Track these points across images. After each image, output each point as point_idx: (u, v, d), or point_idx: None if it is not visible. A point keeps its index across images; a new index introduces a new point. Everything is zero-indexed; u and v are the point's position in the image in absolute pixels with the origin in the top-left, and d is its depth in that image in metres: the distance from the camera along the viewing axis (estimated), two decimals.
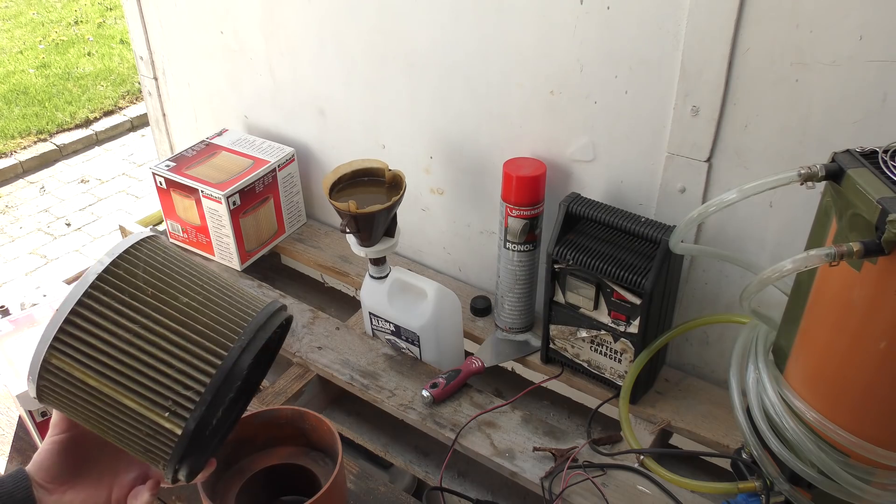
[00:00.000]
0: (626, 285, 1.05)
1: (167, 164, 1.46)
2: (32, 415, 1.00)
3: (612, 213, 1.08)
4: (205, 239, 1.48)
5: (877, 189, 0.69)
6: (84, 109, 4.36)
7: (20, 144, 4.05)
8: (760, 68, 0.93)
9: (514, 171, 1.14)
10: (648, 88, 1.03)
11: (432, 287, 1.19)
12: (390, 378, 1.21)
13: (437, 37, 1.21)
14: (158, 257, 0.69)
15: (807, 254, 0.70)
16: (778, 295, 0.92)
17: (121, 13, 5.37)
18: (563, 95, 1.12)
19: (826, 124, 0.92)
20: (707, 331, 1.17)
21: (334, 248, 1.53)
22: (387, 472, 1.40)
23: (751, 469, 0.94)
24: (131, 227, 1.65)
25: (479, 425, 1.12)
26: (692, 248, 1.07)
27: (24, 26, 5.48)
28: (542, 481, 1.02)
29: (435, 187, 1.38)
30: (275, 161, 1.47)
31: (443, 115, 1.29)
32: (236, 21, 1.48)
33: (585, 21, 1.04)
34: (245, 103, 1.59)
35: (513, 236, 1.18)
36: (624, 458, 1.06)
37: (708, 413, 1.12)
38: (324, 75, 1.41)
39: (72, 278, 1.55)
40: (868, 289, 0.71)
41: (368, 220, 1.12)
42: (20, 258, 3.31)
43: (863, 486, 0.79)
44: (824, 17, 0.86)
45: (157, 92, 1.76)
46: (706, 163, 1.03)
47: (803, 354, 0.83)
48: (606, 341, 1.12)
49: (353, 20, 1.30)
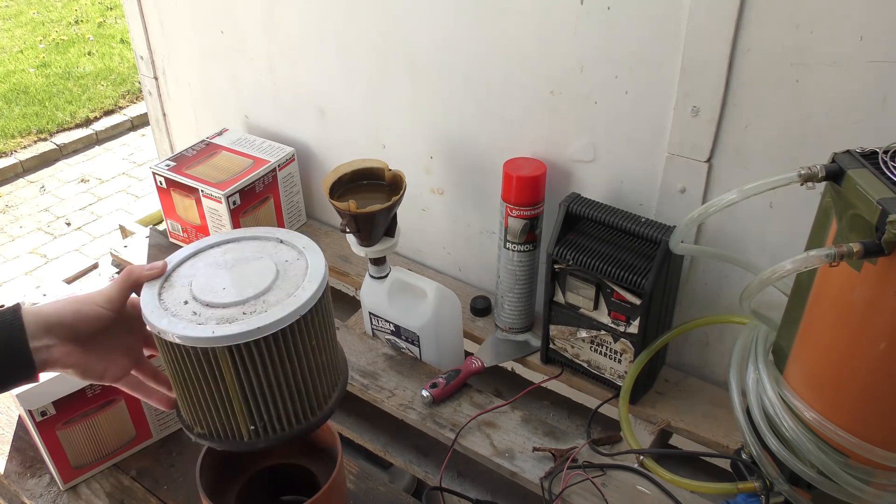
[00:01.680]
0: (626, 285, 1.05)
1: (167, 164, 1.46)
2: (32, 414, 1.00)
3: (612, 214, 1.08)
4: None
5: (877, 190, 0.68)
6: (84, 109, 4.37)
7: (20, 144, 4.05)
8: (761, 69, 0.93)
9: (514, 171, 1.14)
10: (649, 89, 1.03)
11: (432, 287, 1.19)
12: (390, 378, 1.21)
13: (437, 36, 1.21)
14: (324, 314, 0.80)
15: (807, 254, 0.70)
16: (778, 295, 0.92)
17: (121, 13, 5.37)
18: (564, 95, 1.12)
19: (826, 125, 0.92)
20: (707, 331, 1.17)
21: (334, 247, 1.53)
22: (386, 472, 1.40)
23: (750, 469, 0.94)
24: (131, 227, 1.65)
25: (478, 425, 1.12)
26: (692, 249, 1.07)
27: (24, 25, 5.48)
28: (542, 481, 1.02)
29: (435, 187, 1.38)
30: (275, 161, 1.47)
31: (443, 114, 1.29)
32: (236, 21, 1.48)
33: (586, 21, 1.04)
34: (245, 103, 1.59)
35: (513, 236, 1.18)
36: (624, 458, 1.06)
37: (708, 413, 1.13)
38: (324, 75, 1.41)
39: (72, 278, 1.55)
40: (868, 289, 0.71)
41: (368, 220, 1.12)
42: (20, 257, 3.31)
43: (862, 487, 0.79)
44: (825, 17, 0.86)
45: (158, 91, 1.76)
46: (706, 163, 1.03)
47: (803, 355, 0.83)
48: (606, 341, 1.12)
49: (354, 20, 1.30)
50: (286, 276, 0.78)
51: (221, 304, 0.75)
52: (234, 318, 0.73)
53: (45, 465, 1.10)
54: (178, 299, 0.77)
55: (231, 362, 0.73)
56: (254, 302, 0.75)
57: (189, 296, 0.77)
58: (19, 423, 1.18)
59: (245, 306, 0.74)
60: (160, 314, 0.74)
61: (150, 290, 0.78)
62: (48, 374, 0.98)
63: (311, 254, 0.80)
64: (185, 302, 0.76)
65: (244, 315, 0.73)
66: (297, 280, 0.77)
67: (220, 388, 0.75)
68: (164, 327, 0.72)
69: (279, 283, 0.77)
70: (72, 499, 1.07)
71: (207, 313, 0.74)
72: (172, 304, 0.76)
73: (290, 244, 0.82)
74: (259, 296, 0.75)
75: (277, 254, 0.81)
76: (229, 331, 0.71)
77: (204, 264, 0.81)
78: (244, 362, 0.73)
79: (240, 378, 0.74)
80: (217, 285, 0.77)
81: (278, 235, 0.84)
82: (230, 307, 0.74)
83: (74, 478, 1.09)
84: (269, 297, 0.75)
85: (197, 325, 0.72)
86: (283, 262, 0.80)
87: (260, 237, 0.84)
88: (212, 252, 0.83)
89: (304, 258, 0.80)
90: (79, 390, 1.02)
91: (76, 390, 1.02)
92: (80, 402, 1.03)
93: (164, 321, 0.73)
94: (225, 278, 0.78)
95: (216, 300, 0.75)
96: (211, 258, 0.82)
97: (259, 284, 0.76)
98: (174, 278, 0.80)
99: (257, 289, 0.76)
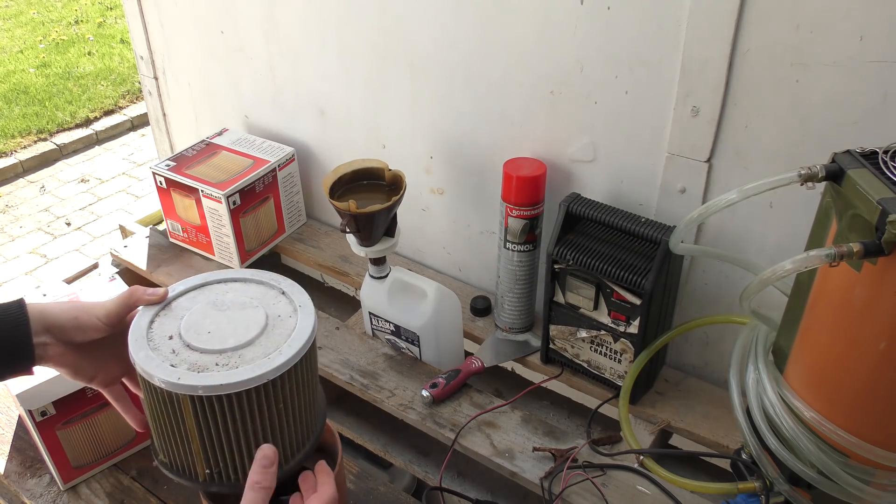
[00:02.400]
0: (626, 285, 1.05)
1: (167, 164, 1.46)
2: (32, 414, 1.00)
3: (612, 214, 1.08)
4: (205, 239, 1.48)
5: (877, 190, 0.68)
6: (84, 109, 4.37)
7: (20, 144, 4.05)
8: (761, 69, 0.93)
9: (514, 171, 1.14)
10: (649, 89, 1.03)
11: (432, 287, 1.19)
12: (390, 378, 1.21)
13: (437, 36, 1.21)
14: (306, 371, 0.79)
15: (807, 254, 0.70)
16: (778, 295, 0.92)
17: (121, 13, 5.37)
18: (564, 95, 1.12)
19: (826, 125, 0.92)
20: (707, 331, 1.17)
21: (334, 247, 1.53)
22: (386, 472, 1.40)
23: (750, 469, 0.94)
24: (131, 227, 1.65)
25: (478, 425, 1.12)
26: (692, 249, 1.07)
27: (24, 25, 5.48)
28: (542, 481, 1.02)
29: (435, 187, 1.38)
30: (275, 161, 1.47)
31: (443, 114, 1.29)
32: (236, 20, 1.48)
33: (586, 21, 1.04)
34: (245, 103, 1.59)
35: (513, 236, 1.18)
36: (624, 458, 1.06)
37: (708, 413, 1.13)
38: (324, 75, 1.41)
39: (72, 278, 1.55)
40: (868, 289, 0.71)
41: (368, 220, 1.12)
42: (20, 257, 3.31)
43: (862, 487, 0.79)
44: (824, 17, 0.86)
45: (158, 91, 1.76)
46: (706, 163, 1.03)
47: (803, 355, 0.83)
48: (606, 341, 1.12)
49: (354, 20, 1.30)
50: (271, 334, 0.78)
51: (199, 349, 0.75)
52: (205, 367, 0.73)
53: (45, 465, 1.11)
54: (165, 331, 0.78)
55: (192, 409, 0.73)
56: (230, 354, 0.75)
57: (176, 331, 0.78)
58: (19, 423, 1.18)
59: (220, 357, 0.75)
60: (141, 344, 0.75)
61: (145, 315, 0.79)
62: (48, 375, 0.98)
63: (304, 314, 0.80)
64: (171, 337, 0.77)
65: (216, 366, 0.74)
66: (278, 341, 0.77)
67: (181, 428, 0.75)
68: (138, 360, 0.74)
69: (261, 340, 0.77)
70: (72, 499, 1.07)
71: (184, 355, 0.75)
72: (159, 334, 0.77)
73: (290, 298, 0.82)
74: (237, 349, 0.76)
75: (275, 305, 0.81)
76: (194, 381, 0.71)
77: (204, 300, 0.82)
78: (205, 413, 0.73)
79: (199, 426, 0.74)
80: (204, 327, 0.78)
81: (283, 286, 0.84)
82: (206, 354, 0.75)
83: (74, 478, 1.09)
84: (247, 353, 0.75)
85: (168, 367, 0.73)
86: (276, 317, 0.80)
87: (265, 283, 0.85)
88: (216, 288, 0.84)
89: (296, 317, 0.79)
90: (79, 390, 1.02)
91: (76, 390, 1.02)
92: (80, 402, 1.03)
93: (141, 353, 0.74)
94: (214, 321, 0.79)
95: (196, 343, 0.76)
96: (213, 294, 0.83)
97: (242, 336, 0.77)
98: (174, 306, 0.81)
99: (238, 341, 0.76)
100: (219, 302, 0.81)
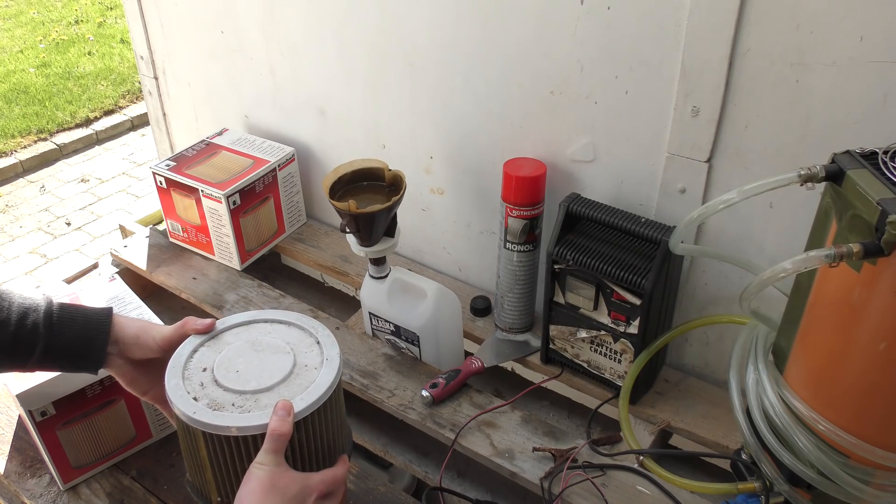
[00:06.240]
0: (626, 286, 1.05)
1: (167, 164, 1.46)
2: (32, 414, 1.00)
3: (612, 214, 1.08)
4: (205, 238, 1.48)
5: (877, 190, 0.68)
6: (84, 109, 4.37)
7: (20, 143, 4.05)
8: (761, 69, 0.93)
9: (514, 171, 1.14)
10: (649, 89, 1.03)
11: (432, 287, 1.19)
12: (390, 378, 1.21)
13: (437, 36, 1.21)
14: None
15: (806, 255, 0.70)
16: (778, 296, 0.92)
17: (121, 12, 5.37)
18: (564, 95, 1.12)
19: (826, 125, 0.92)
20: (707, 331, 1.17)
21: (334, 247, 1.53)
22: (386, 472, 1.40)
23: (750, 470, 0.94)
24: (131, 227, 1.65)
25: (478, 425, 1.12)
26: (692, 249, 1.07)
27: (24, 25, 5.48)
28: (542, 481, 1.02)
29: (435, 187, 1.38)
30: (275, 161, 1.47)
31: (443, 115, 1.29)
32: (236, 20, 1.48)
33: (586, 21, 1.04)
34: (245, 103, 1.59)
35: (513, 236, 1.18)
36: (623, 458, 1.06)
37: (707, 414, 1.12)
38: (324, 75, 1.41)
39: (72, 278, 1.55)
40: (868, 290, 0.71)
41: (368, 220, 1.12)
42: (20, 257, 3.31)
43: (862, 487, 0.79)
44: (825, 17, 0.86)
45: (158, 91, 1.76)
46: (706, 163, 1.03)
47: (803, 355, 0.83)
48: (606, 342, 1.12)
49: (354, 20, 1.30)
50: (292, 383, 0.80)
51: (223, 387, 0.79)
52: (222, 405, 0.77)
53: (45, 465, 1.11)
54: (202, 363, 0.82)
55: (204, 443, 0.77)
56: (248, 397, 0.78)
57: (211, 364, 0.82)
58: (19, 423, 1.18)
59: (239, 398, 0.78)
60: (176, 371, 0.80)
61: (191, 343, 0.85)
62: (48, 375, 0.98)
63: (327, 368, 0.81)
64: (204, 369, 0.81)
65: (232, 406, 0.77)
66: (295, 391, 0.79)
67: (197, 457, 0.80)
68: (168, 386, 0.78)
69: (280, 388, 0.79)
70: (72, 499, 1.07)
71: (209, 390, 0.79)
72: (195, 366, 0.82)
73: (322, 349, 0.84)
74: (256, 393, 0.78)
75: (306, 354, 0.84)
76: (206, 418, 0.75)
77: (246, 337, 0.86)
78: (215, 448, 0.77)
79: (211, 458, 0.77)
80: (235, 365, 0.81)
81: (319, 336, 0.86)
82: (228, 392, 0.78)
83: (74, 478, 1.09)
84: (263, 398, 0.78)
85: (191, 399, 0.77)
86: (302, 367, 0.82)
87: (305, 329, 0.87)
88: (259, 327, 0.88)
89: (320, 370, 0.81)
90: (79, 390, 1.02)
91: (76, 390, 1.02)
92: (80, 403, 1.03)
93: (173, 381, 0.79)
94: (246, 360, 0.82)
95: (223, 381, 0.79)
96: (255, 333, 0.87)
97: (265, 381, 0.79)
98: (220, 338, 0.86)
99: (259, 385, 0.79)
100: (257, 342, 0.85)
